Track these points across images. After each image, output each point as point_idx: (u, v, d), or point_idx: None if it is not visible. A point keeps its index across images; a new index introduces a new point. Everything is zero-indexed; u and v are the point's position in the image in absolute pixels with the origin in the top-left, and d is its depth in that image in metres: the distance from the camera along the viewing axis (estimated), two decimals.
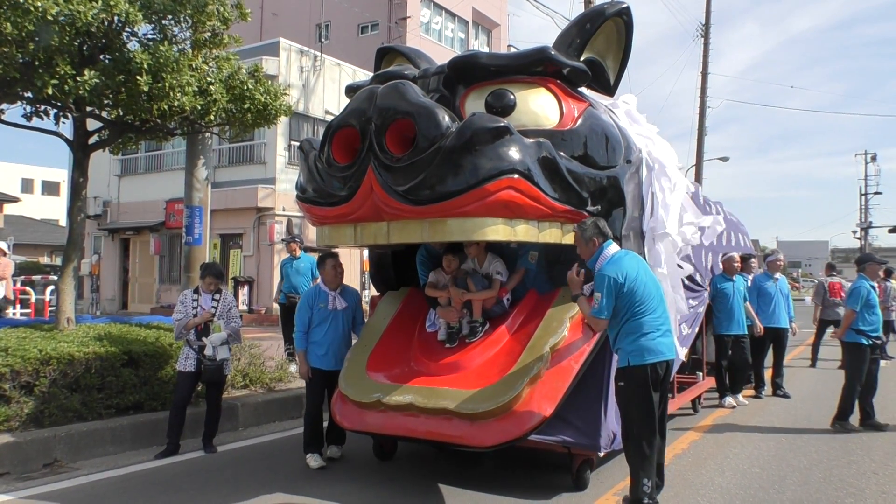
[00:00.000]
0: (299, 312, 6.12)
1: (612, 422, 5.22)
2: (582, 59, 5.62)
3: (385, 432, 5.38)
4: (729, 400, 8.74)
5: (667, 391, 5.01)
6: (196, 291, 6.56)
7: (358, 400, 5.29)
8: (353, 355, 5.73)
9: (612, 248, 4.84)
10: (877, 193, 59.99)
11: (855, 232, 60.85)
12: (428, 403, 4.97)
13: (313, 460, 5.90)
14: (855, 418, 7.56)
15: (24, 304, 16.14)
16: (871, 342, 7.51)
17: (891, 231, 51.37)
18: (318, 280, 6.51)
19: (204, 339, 6.36)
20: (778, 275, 9.76)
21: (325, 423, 6.09)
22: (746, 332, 8.93)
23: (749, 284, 9.44)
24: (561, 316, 5.24)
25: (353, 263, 19.49)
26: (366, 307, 6.97)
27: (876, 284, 7.67)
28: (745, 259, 9.38)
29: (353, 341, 6.09)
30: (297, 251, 10.17)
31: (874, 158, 60.38)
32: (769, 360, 9.73)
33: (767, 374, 9.70)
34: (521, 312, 5.67)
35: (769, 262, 10.02)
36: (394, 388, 5.21)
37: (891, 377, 11.46)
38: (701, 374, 8.66)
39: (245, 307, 17.91)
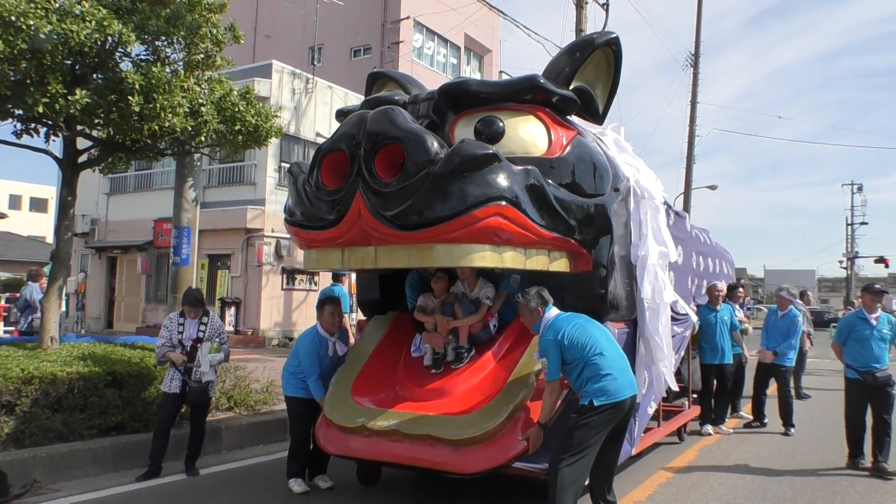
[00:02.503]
0: (310, 360, 5.93)
1: None
2: (571, 87, 5.68)
3: (369, 457, 5.36)
4: (707, 428, 8.73)
5: (626, 425, 5.03)
6: (182, 315, 6.51)
7: (342, 424, 5.28)
8: (338, 380, 5.71)
9: (552, 312, 4.96)
10: (863, 224, 60.37)
11: (841, 261, 61.14)
12: (412, 429, 4.97)
13: (297, 485, 5.85)
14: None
15: (8, 321, 15.99)
16: (859, 376, 7.05)
17: (877, 261, 51.74)
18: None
19: (197, 355, 6.31)
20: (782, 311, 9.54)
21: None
22: (731, 362, 8.94)
23: (738, 313, 9.39)
24: None
25: None
26: (353, 329, 6.96)
27: (872, 316, 7.11)
28: (731, 288, 9.42)
29: None
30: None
31: (860, 189, 60.88)
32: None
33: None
34: (508, 339, 5.68)
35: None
36: (378, 413, 5.20)
37: None
38: (686, 402, 8.66)
39: (231, 328, 17.81)
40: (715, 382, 8.94)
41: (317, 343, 6.02)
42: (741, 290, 10.06)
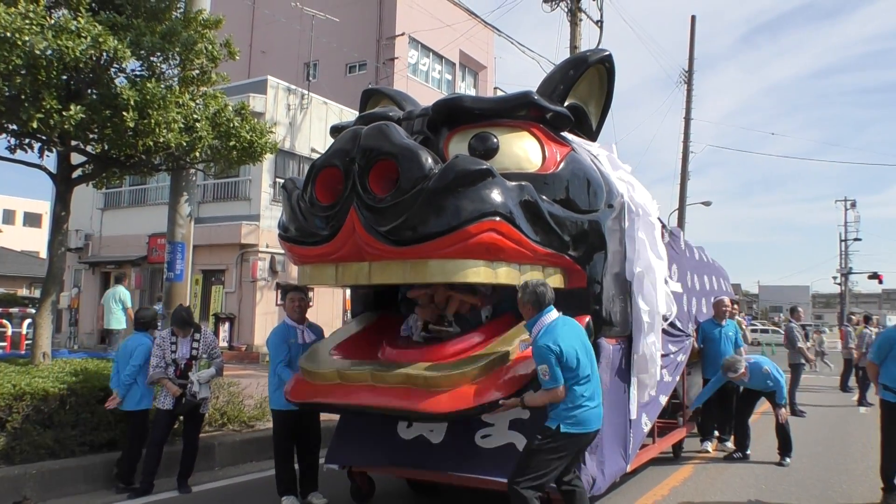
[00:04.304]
0: (277, 349, 5.95)
1: (591, 467, 5.18)
2: (565, 104, 5.70)
3: (338, 402, 5.13)
4: (707, 444, 8.70)
5: (580, 458, 4.97)
6: (174, 333, 6.47)
7: (315, 370, 5.20)
8: (319, 344, 5.69)
9: (551, 315, 4.75)
10: (856, 240, 60.55)
11: (835, 277, 61.35)
12: (386, 374, 4.87)
13: (290, 503, 5.81)
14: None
15: (0, 336, 15.92)
16: None
17: (870, 277, 51.95)
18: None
19: (190, 374, 6.29)
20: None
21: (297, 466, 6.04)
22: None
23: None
24: None
25: (336, 302, 19.40)
26: None
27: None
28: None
29: None
30: None
31: (854, 205, 61.13)
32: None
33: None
34: (497, 325, 5.57)
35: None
36: (354, 364, 5.15)
37: (871, 423, 11.49)
38: (681, 419, 8.62)
39: (225, 344, 17.74)
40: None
41: (284, 332, 6.02)
42: (736, 305, 10.06)
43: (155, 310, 7.77)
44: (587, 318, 5.32)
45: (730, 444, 8.79)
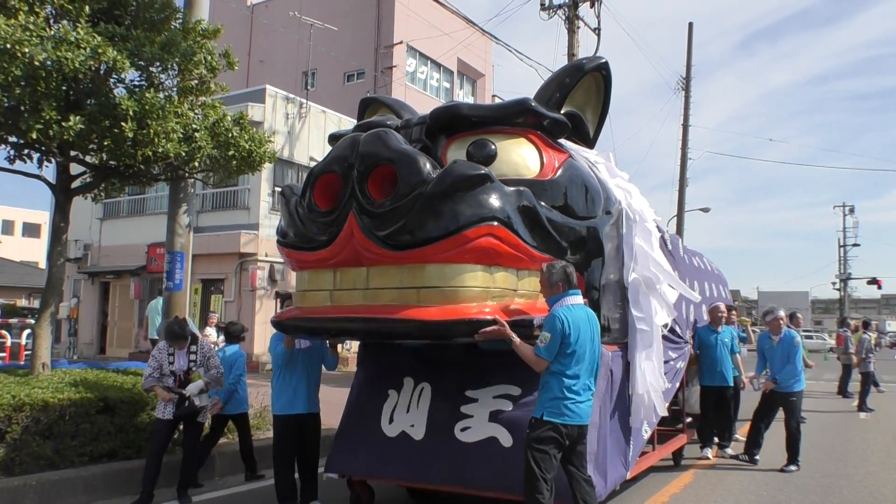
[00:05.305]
0: (278, 355, 6.04)
1: (592, 474, 5.17)
2: (562, 111, 5.72)
3: (326, 319, 5.07)
4: (707, 451, 8.69)
5: (583, 453, 4.87)
6: (171, 345, 6.46)
7: (308, 304, 5.17)
8: None
9: (577, 298, 4.77)
10: (855, 245, 60.72)
11: (834, 283, 61.47)
12: (378, 291, 4.80)
13: None
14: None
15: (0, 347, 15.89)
16: None
17: (869, 282, 52.03)
18: None
19: (183, 390, 6.29)
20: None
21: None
22: (731, 385, 8.81)
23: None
24: None
25: None
26: (347, 353, 6.93)
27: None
28: (728, 310, 9.39)
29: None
30: None
31: (852, 211, 61.33)
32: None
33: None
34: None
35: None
36: (346, 291, 5.04)
37: (871, 429, 11.51)
38: (681, 426, 8.62)
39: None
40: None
41: (278, 335, 6.03)
42: (734, 311, 10.08)
43: (242, 324, 8.33)
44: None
45: (730, 451, 8.80)
